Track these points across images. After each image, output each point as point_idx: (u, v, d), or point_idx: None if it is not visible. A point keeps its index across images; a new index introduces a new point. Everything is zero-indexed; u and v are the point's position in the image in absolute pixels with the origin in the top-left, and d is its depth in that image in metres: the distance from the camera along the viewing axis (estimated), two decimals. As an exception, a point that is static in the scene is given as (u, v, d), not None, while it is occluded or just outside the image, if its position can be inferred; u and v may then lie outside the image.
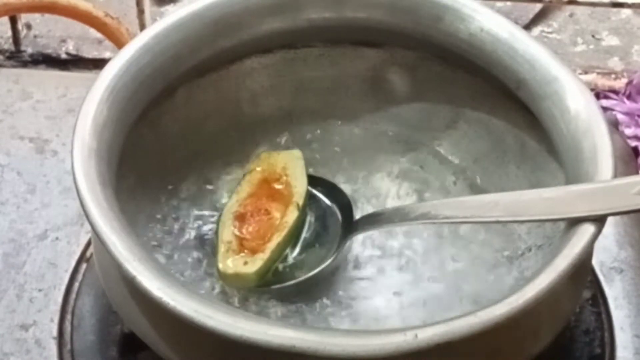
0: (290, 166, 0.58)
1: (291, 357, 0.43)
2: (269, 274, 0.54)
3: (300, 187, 0.57)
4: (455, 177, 0.60)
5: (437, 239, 0.57)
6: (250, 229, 0.55)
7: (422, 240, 0.57)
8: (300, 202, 0.56)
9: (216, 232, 0.56)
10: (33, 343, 0.57)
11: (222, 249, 0.54)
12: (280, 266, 0.55)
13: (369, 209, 0.58)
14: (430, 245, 0.56)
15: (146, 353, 0.54)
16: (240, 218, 0.55)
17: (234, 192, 0.57)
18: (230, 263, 0.54)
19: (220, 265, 0.54)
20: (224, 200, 0.58)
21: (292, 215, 0.56)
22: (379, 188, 0.60)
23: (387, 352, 0.43)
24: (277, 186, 0.57)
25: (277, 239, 0.55)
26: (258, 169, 0.58)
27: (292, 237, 0.55)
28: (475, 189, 0.59)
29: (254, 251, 0.54)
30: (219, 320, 0.43)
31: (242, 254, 0.54)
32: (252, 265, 0.54)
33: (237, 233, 0.55)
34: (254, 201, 0.56)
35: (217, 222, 0.56)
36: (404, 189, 0.59)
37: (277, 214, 0.56)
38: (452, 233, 0.57)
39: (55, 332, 0.57)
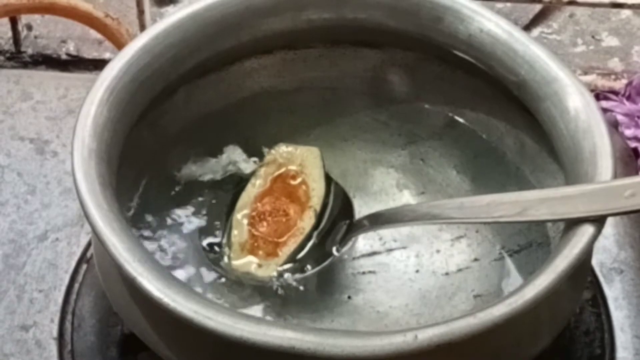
0: (308, 164, 0.57)
1: (291, 358, 0.43)
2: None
3: (318, 190, 0.57)
4: (457, 171, 0.60)
5: (437, 232, 0.57)
6: (267, 229, 0.55)
7: (422, 236, 0.57)
8: (318, 209, 0.56)
9: (228, 226, 0.56)
10: (33, 344, 0.57)
11: (236, 246, 0.54)
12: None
13: (370, 202, 0.58)
14: (430, 241, 0.56)
15: (146, 354, 0.54)
16: (258, 217, 0.55)
17: (248, 183, 0.57)
18: (245, 263, 0.54)
19: (235, 263, 0.53)
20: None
21: (309, 221, 0.55)
22: (380, 181, 0.60)
23: (386, 353, 0.43)
24: (294, 184, 0.57)
25: (292, 245, 0.54)
26: (274, 162, 0.58)
27: (305, 242, 0.55)
28: (477, 182, 0.59)
29: (268, 254, 0.54)
30: (219, 320, 0.43)
31: (257, 255, 0.54)
32: (266, 269, 0.54)
33: (254, 232, 0.55)
34: (273, 200, 0.56)
35: (228, 216, 0.56)
36: (405, 181, 0.59)
37: (294, 216, 0.55)
38: (452, 227, 0.57)
39: (55, 333, 0.57)
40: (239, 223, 0.55)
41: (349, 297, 0.54)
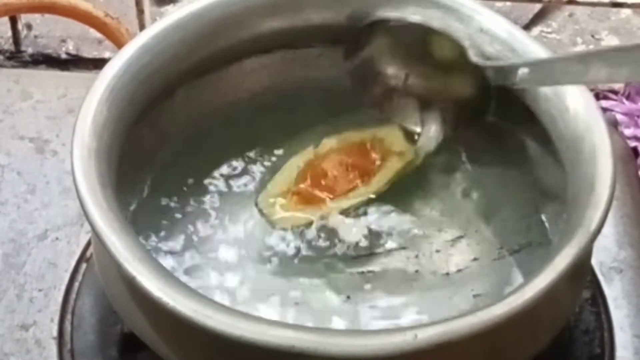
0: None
1: (291, 357, 0.43)
2: None
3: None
4: (456, 168, 0.60)
5: (437, 232, 0.57)
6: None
7: (422, 236, 0.57)
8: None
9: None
10: (33, 343, 0.57)
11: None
12: None
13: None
14: (430, 241, 0.56)
15: (146, 353, 0.54)
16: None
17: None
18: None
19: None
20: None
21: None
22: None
23: (386, 352, 0.43)
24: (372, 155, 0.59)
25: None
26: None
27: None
28: (476, 182, 0.59)
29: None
30: (219, 320, 0.43)
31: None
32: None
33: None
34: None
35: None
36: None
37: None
38: (452, 227, 0.57)
39: (55, 332, 0.57)
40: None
41: (348, 297, 0.54)
